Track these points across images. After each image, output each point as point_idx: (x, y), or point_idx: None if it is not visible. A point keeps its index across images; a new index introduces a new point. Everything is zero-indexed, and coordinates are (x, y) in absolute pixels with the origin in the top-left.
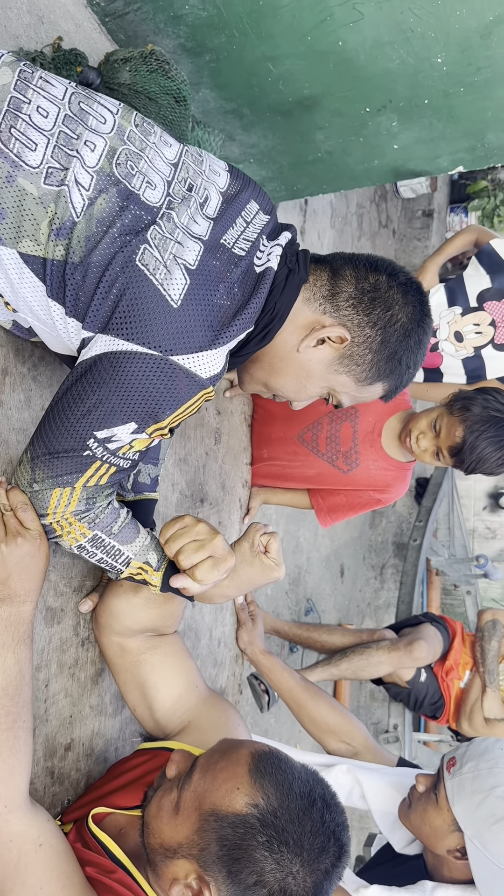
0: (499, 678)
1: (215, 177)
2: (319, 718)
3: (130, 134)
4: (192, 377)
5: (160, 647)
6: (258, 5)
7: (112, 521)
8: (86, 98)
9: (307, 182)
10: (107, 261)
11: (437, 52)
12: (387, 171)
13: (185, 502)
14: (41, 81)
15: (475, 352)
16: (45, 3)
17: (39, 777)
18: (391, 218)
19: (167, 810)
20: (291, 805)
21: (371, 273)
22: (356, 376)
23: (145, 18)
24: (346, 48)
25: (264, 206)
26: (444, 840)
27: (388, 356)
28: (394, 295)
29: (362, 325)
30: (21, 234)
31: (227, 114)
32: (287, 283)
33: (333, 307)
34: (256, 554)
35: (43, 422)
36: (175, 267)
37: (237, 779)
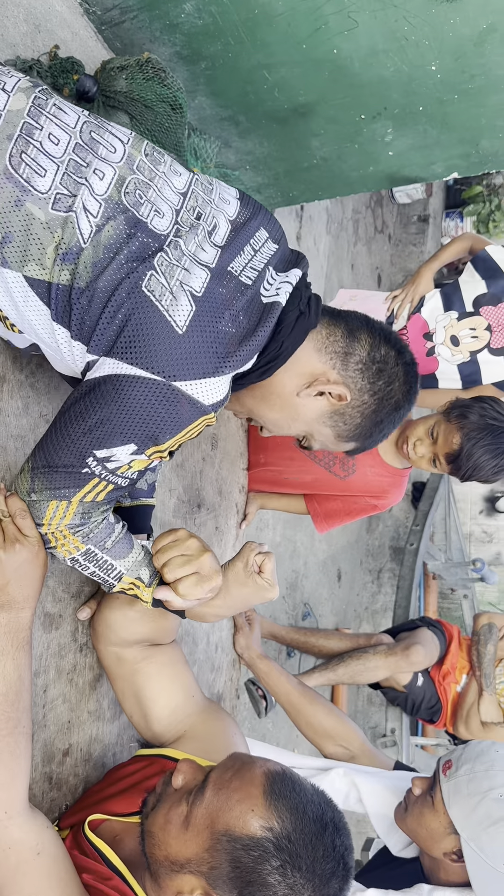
0: (495, 682)
1: (225, 205)
2: (316, 723)
3: (140, 163)
4: (194, 403)
5: (156, 657)
6: (254, 14)
7: (106, 536)
8: (97, 127)
9: (303, 188)
10: (113, 286)
11: (431, 60)
12: (382, 177)
13: (182, 507)
14: (54, 109)
15: (471, 356)
16: (42, 12)
17: (37, 782)
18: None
19: (176, 824)
20: (305, 829)
21: (384, 345)
22: (338, 432)
23: (141, 27)
24: (340, 56)
25: (274, 235)
26: (441, 843)
27: (373, 423)
28: (398, 371)
29: (363, 391)
30: (27, 258)
31: (223, 121)
32: (296, 325)
33: (343, 366)
34: (250, 574)
35: (45, 435)
36: (181, 293)
37: (252, 800)
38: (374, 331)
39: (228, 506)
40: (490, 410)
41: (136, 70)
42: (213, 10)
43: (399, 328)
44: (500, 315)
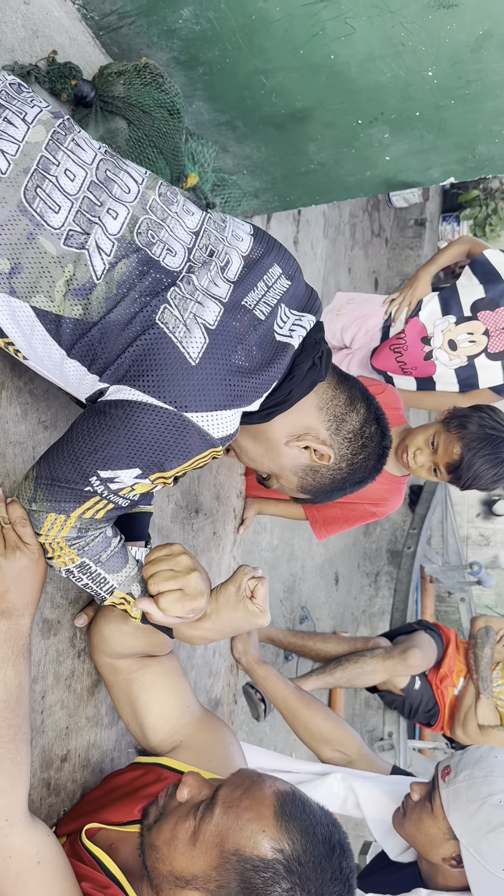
0: (493, 685)
1: (238, 242)
2: (314, 727)
3: (153, 203)
4: (203, 435)
5: (151, 668)
6: (251, 19)
7: (102, 550)
8: (113, 166)
9: (300, 193)
10: (127, 319)
11: (427, 66)
12: (379, 182)
13: (180, 513)
14: (72, 144)
15: (468, 361)
16: (40, 18)
17: (36, 788)
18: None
19: (183, 840)
20: (315, 851)
21: (374, 423)
22: (303, 485)
23: (139, 32)
24: (337, 61)
25: (287, 271)
26: (440, 848)
27: (336, 488)
28: (377, 449)
29: (343, 459)
30: (35, 290)
31: (220, 126)
32: (307, 376)
33: (336, 430)
34: (242, 599)
35: (52, 448)
36: (195, 326)
37: (263, 821)
38: (370, 407)
39: (226, 511)
40: (489, 420)
41: (134, 75)
42: (210, 16)
43: (397, 331)
44: (498, 320)
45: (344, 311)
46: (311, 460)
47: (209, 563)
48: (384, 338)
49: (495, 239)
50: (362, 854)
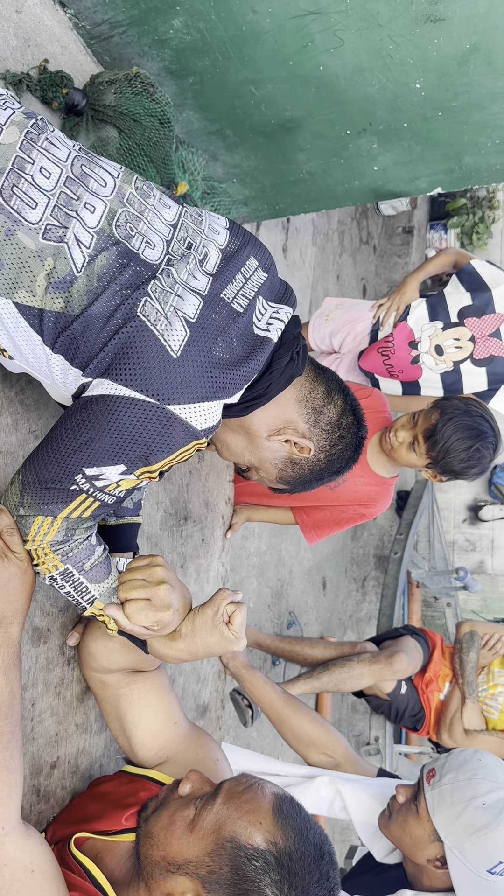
0: (478, 690)
1: (215, 235)
2: (301, 731)
3: (130, 197)
4: (187, 427)
5: (139, 683)
6: (241, 31)
7: (85, 558)
8: (88, 161)
9: (289, 201)
10: (109, 312)
11: (415, 78)
12: (367, 191)
13: (169, 520)
14: (46, 143)
15: (454, 366)
16: (32, 26)
17: (26, 795)
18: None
19: (181, 826)
20: (306, 852)
21: (351, 414)
22: (283, 476)
23: (130, 42)
24: (326, 73)
25: (263, 263)
26: (425, 849)
27: (314, 478)
28: (353, 440)
29: (322, 450)
30: (17, 286)
31: (210, 135)
32: (285, 370)
33: (315, 422)
34: (218, 624)
35: (36, 450)
36: (175, 319)
37: (261, 813)
38: (347, 398)
39: (215, 518)
40: (472, 403)
41: (125, 84)
42: (201, 27)
43: (385, 335)
44: (484, 327)
45: (333, 317)
46: (290, 453)
47: (198, 570)
48: (372, 341)
49: (482, 247)
50: (348, 858)
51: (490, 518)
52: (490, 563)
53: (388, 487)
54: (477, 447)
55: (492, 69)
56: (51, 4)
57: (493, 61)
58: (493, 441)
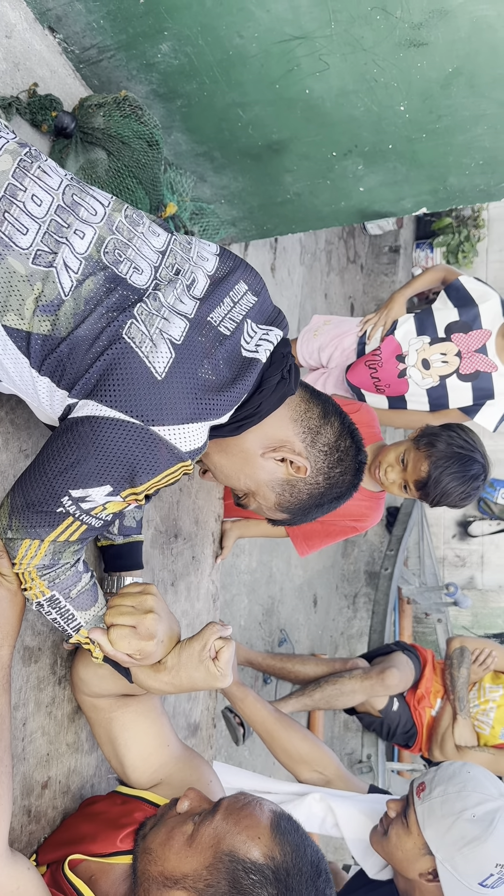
0: (469, 706)
1: (203, 262)
2: (292, 748)
3: (119, 225)
4: (171, 449)
5: (131, 707)
6: (228, 55)
7: (72, 584)
8: (79, 191)
9: (277, 222)
10: (95, 334)
11: (399, 101)
12: (353, 212)
13: (159, 538)
14: (39, 171)
15: (440, 380)
16: (21, 51)
17: (17, 816)
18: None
19: (179, 840)
20: (302, 869)
21: (349, 437)
22: (281, 501)
23: (119, 65)
24: (312, 96)
25: (253, 287)
26: (416, 863)
27: (313, 504)
28: (353, 464)
29: (320, 472)
30: (6, 309)
31: (198, 156)
32: (276, 389)
33: (312, 442)
34: (205, 659)
35: (24, 473)
36: (161, 341)
37: (259, 829)
38: (344, 421)
39: (205, 535)
40: (457, 439)
41: (114, 107)
42: (188, 51)
43: (372, 349)
44: (471, 342)
45: (321, 332)
46: (287, 474)
47: (188, 588)
48: (360, 356)
49: (468, 265)
50: None
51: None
52: (480, 579)
53: (378, 502)
54: (470, 491)
55: (474, 92)
56: (40, 30)
57: (475, 84)
58: (484, 474)
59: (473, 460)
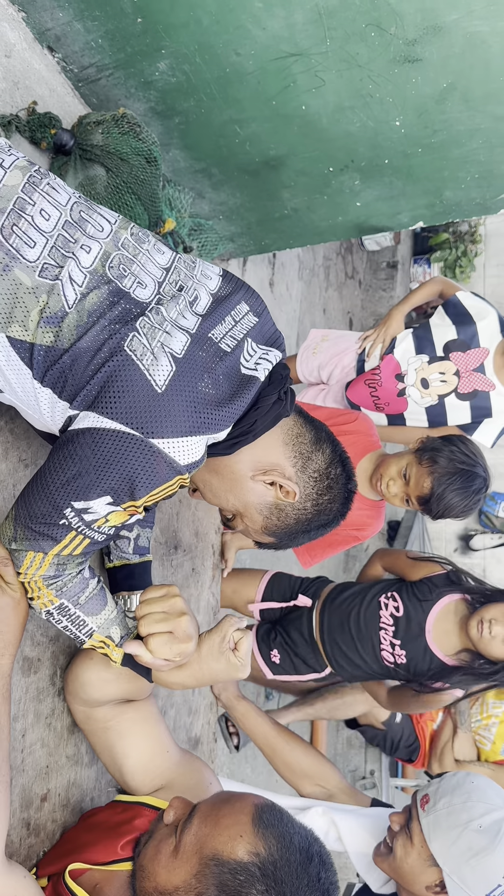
0: (470, 720)
1: (207, 280)
2: (294, 762)
3: (125, 241)
4: (169, 462)
5: (127, 714)
6: (225, 72)
7: (80, 591)
8: (87, 208)
9: (275, 237)
10: (97, 346)
11: (395, 116)
12: (350, 226)
13: (159, 549)
14: (48, 187)
15: (439, 399)
16: (21, 70)
17: (15, 829)
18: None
19: (165, 854)
20: (291, 858)
21: (340, 465)
22: (268, 525)
23: (117, 83)
24: (309, 112)
25: (255, 308)
26: (421, 876)
27: (301, 530)
28: (342, 493)
29: (308, 498)
30: (11, 320)
31: (196, 173)
32: (272, 409)
33: (303, 468)
34: (225, 651)
35: (27, 486)
36: (162, 354)
37: (240, 826)
38: (336, 449)
39: (205, 547)
40: (459, 453)
41: (112, 125)
42: (186, 69)
43: (371, 367)
44: (469, 361)
45: (320, 349)
46: (276, 497)
47: (188, 599)
48: (359, 373)
49: (465, 280)
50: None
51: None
52: None
53: (379, 510)
54: (472, 505)
55: (469, 107)
56: (39, 49)
57: (469, 99)
58: (486, 487)
59: (476, 475)
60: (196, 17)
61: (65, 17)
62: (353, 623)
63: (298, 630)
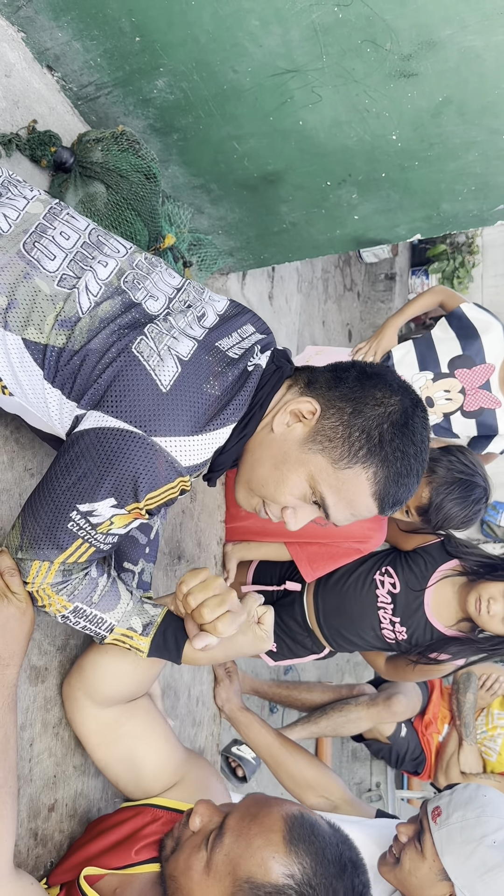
0: (476, 732)
1: (214, 303)
2: (298, 774)
3: (139, 263)
4: (170, 462)
5: (138, 715)
6: (223, 89)
7: (91, 591)
8: (104, 234)
9: (273, 251)
10: (105, 348)
11: (391, 130)
12: (348, 240)
13: (163, 559)
14: (67, 216)
15: (444, 417)
16: (21, 89)
17: (23, 839)
18: (355, 281)
19: (197, 870)
20: (326, 873)
21: (349, 367)
22: (330, 455)
23: (116, 101)
24: (306, 127)
25: (260, 329)
26: (431, 890)
27: (360, 429)
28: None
29: (333, 399)
30: (28, 323)
31: (195, 189)
32: (272, 378)
33: (310, 390)
34: (251, 624)
35: (34, 492)
36: (168, 356)
37: (273, 847)
38: (338, 363)
39: (207, 557)
40: (457, 463)
41: (112, 142)
42: (184, 86)
43: None
44: (474, 379)
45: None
46: (306, 426)
47: None
48: None
49: (464, 291)
50: None
51: None
52: None
53: (381, 522)
54: (472, 515)
55: (464, 120)
56: (39, 68)
57: (465, 112)
58: (486, 497)
59: (475, 484)
60: (193, 36)
61: (64, 37)
62: (350, 606)
63: (291, 616)
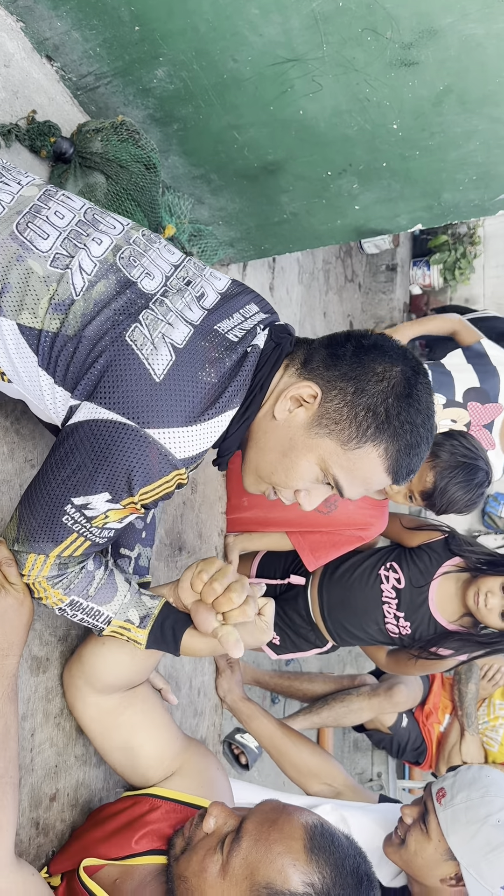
0: (478, 722)
1: (215, 280)
2: (300, 762)
3: (136, 239)
4: (164, 454)
5: (136, 704)
6: (223, 78)
7: (87, 585)
8: (100, 212)
9: (274, 242)
10: (99, 335)
11: (392, 119)
12: (349, 230)
13: (164, 550)
14: (63, 197)
15: None
16: (20, 79)
17: (24, 828)
18: (356, 272)
19: (212, 872)
20: (344, 884)
21: (345, 341)
22: (338, 437)
23: (115, 91)
24: (306, 116)
25: (264, 308)
26: (437, 869)
27: (365, 407)
28: (366, 357)
29: (333, 380)
30: (22, 308)
31: (195, 179)
32: (271, 357)
33: (307, 371)
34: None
35: (30, 485)
36: (162, 344)
37: (293, 854)
38: (334, 335)
39: (208, 549)
40: (460, 448)
41: (111, 132)
42: (184, 76)
43: None
44: (483, 415)
45: None
46: (308, 410)
47: None
48: None
49: (465, 282)
50: None
51: None
52: None
53: (383, 509)
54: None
55: (465, 109)
56: (38, 59)
57: (466, 101)
58: (488, 480)
59: (478, 468)
60: (193, 25)
61: (63, 27)
62: (355, 600)
63: (295, 610)
